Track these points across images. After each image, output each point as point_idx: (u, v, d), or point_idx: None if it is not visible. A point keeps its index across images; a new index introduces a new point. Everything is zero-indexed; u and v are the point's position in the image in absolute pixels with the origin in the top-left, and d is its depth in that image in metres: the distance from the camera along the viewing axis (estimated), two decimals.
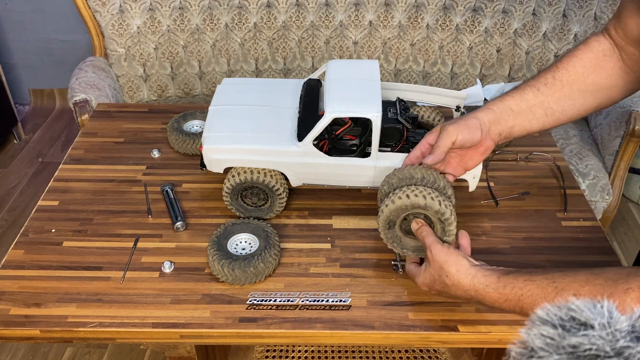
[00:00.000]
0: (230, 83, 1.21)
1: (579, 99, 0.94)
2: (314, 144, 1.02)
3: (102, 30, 2.01)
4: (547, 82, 0.94)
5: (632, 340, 0.36)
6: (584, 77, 0.93)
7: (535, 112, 0.94)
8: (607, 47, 0.93)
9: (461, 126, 0.92)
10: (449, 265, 0.82)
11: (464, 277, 0.80)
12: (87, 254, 1.03)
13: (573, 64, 0.93)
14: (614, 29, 0.93)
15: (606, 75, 0.93)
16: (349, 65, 1.12)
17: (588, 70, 0.93)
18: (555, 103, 0.94)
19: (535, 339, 0.38)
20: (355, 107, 0.99)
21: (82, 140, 1.31)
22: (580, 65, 0.93)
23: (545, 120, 0.95)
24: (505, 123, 0.94)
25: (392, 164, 1.02)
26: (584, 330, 0.37)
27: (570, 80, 0.93)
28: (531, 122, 0.95)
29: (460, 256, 0.83)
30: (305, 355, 1.42)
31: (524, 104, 0.94)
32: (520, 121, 0.94)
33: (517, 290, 0.74)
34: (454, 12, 2.00)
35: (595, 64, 0.93)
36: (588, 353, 0.36)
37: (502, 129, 0.94)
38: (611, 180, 1.84)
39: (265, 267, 0.96)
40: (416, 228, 0.91)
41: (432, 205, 0.88)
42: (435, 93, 1.14)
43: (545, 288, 0.72)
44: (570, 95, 0.93)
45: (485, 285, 0.78)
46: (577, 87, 0.93)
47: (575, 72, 0.93)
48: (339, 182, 1.07)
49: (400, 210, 0.90)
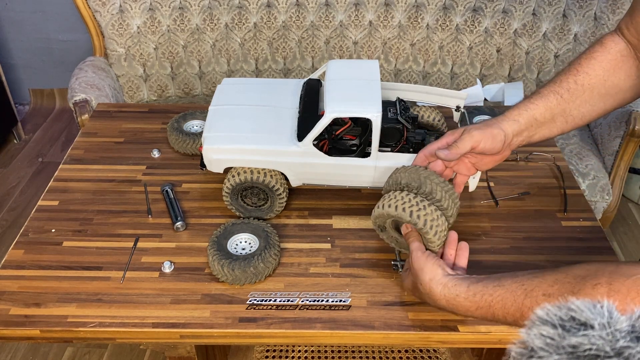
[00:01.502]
0: (230, 83, 1.21)
1: (598, 103, 0.93)
2: (314, 144, 1.02)
3: (102, 30, 2.01)
4: (570, 88, 0.92)
5: (632, 340, 0.36)
6: (604, 80, 0.92)
7: (557, 120, 0.94)
8: (623, 47, 0.92)
9: (486, 134, 0.91)
10: (423, 274, 0.83)
11: (435, 286, 0.81)
12: (87, 254, 1.03)
13: (593, 67, 0.92)
14: (626, 28, 0.91)
15: (625, 77, 0.92)
16: (349, 65, 1.12)
17: (608, 73, 0.92)
18: (576, 109, 0.93)
19: (535, 339, 0.38)
20: (355, 107, 0.99)
21: (82, 140, 1.31)
22: (600, 68, 0.92)
23: (565, 127, 0.95)
24: (527, 133, 0.94)
25: (392, 164, 1.02)
26: (583, 330, 0.37)
27: (592, 85, 0.92)
28: (552, 130, 0.95)
29: (436, 265, 0.83)
30: (305, 355, 1.42)
31: (548, 114, 0.93)
32: (541, 130, 0.94)
33: (487, 297, 0.74)
34: (454, 12, 2.00)
35: (615, 65, 0.92)
36: (588, 353, 0.36)
37: (523, 139, 0.95)
38: (611, 180, 1.84)
39: (265, 267, 0.96)
40: (405, 232, 0.92)
41: (403, 215, 0.89)
42: (435, 93, 1.14)
43: (514, 292, 0.72)
44: (590, 100, 0.92)
45: (455, 294, 0.78)
46: (597, 91, 0.92)
47: (595, 75, 0.92)
48: (339, 182, 1.07)
49: (380, 217, 0.93)
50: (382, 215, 0.92)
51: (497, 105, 1.97)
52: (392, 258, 1.01)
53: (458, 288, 0.78)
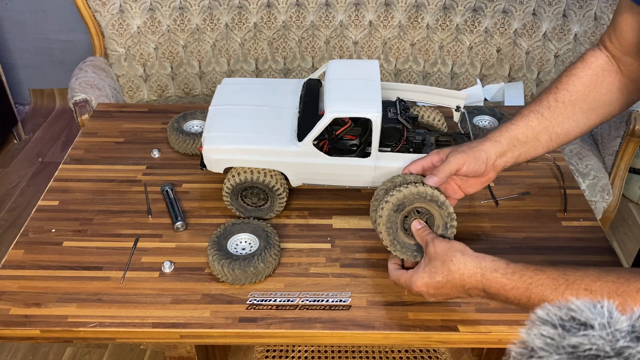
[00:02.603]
0: (230, 83, 1.21)
1: (581, 118, 0.94)
2: (314, 144, 1.02)
3: (102, 30, 2.01)
4: (550, 106, 0.93)
5: (632, 340, 0.36)
6: (584, 95, 0.93)
7: (541, 138, 0.94)
8: (604, 61, 0.93)
9: (469, 157, 0.91)
10: (453, 251, 0.80)
11: (470, 259, 0.79)
12: (87, 254, 1.03)
13: (573, 84, 0.93)
14: (609, 40, 0.92)
15: (606, 91, 0.93)
16: (349, 65, 1.12)
17: (588, 89, 0.93)
18: (559, 126, 0.93)
19: (535, 339, 0.38)
20: (355, 107, 0.99)
21: (82, 140, 1.31)
22: (580, 84, 0.93)
23: (550, 145, 0.95)
24: (511, 154, 0.94)
25: (392, 164, 1.02)
26: (584, 330, 0.37)
27: (572, 101, 0.92)
28: (536, 148, 0.95)
29: (463, 245, 0.82)
30: (305, 355, 1.42)
31: (530, 132, 0.93)
32: (526, 149, 0.94)
33: (527, 279, 0.72)
34: (454, 12, 2.00)
35: (595, 80, 0.93)
36: (588, 353, 0.36)
37: (507, 160, 0.94)
38: (611, 180, 1.84)
39: (265, 267, 0.96)
40: (418, 227, 0.90)
41: (427, 190, 0.89)
42: (435, 93, 1.14)
43: (556, 279, 0.70)
44: (573, 115, 0.93)
45: (493, 269, 0.76)
46: (579, 107, 0.93)
47: (576, 91, 0.93)
48: (339, 182, 1.07)
49: (408, 199, 0.89)
50: (411, 195, 0.89)
51: (497, 105, 1.97)
52: None
53: (497, 263, 0.76)
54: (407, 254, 0.92)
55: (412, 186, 0.90)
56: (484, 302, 0.94)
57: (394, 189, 0.91)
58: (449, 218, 0.91)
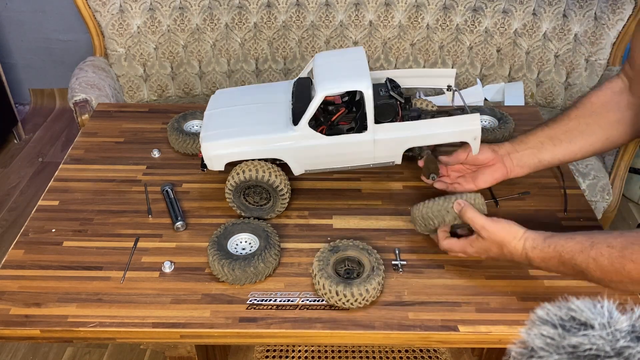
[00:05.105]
0: (223, 92, 1.21)
1: (586, 130, 1.02)
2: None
3: (102, 30, 2.01)
4: (556, 119, 1.05)
5: (632, 340, 0.36)
6: (591, 112, 1.02)
7: (546, 145, 1.04)
8: (618, 86, 1.01)
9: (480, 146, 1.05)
10: (508, 241, 0.90)
11: (519, 243, 0.89)
12: (87, 254, 1.03)
13: (582, 102, 1.04)
14: (628, 64, 0.99)
15: (616, 109, 1.00)
16: (335, 54, 1.14)
17: (595, 106, 1.02)
18: (563, 134, 1.03)
19: (535, 339, 0.38)
20: (345, 82, 1.01)
21: (82, 140, 1.31)
22: (589, 102, 1.03)
23: (555, 151, 1.04)
24: (528, 156, 1.05)
25: (390, 136, 1.02)
26: (584, 330, 0.37)
27: (578, 115, 1.03)
28: (542, 152, 1.05)
29: (512, 225, 0.90)
30: (305, 355, 1.42)
31: (537, 139, 1.05)
32: (530, 150, 1.05)
33: (559, 248, 0.83)
34: (454, 12, 2.00)
35: (604, 100, 1.02)
36: (588, 353, 0.36)
37: (521, 158, 1.05)
38: (611, 180, 1.84)
39: (265, 267, 0.96)
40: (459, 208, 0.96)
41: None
42: (423, 75, 1.15)
43: (583, 243, 0.81)
44: (578, 127, 1.02)
45: (532, 247, 0.87)
46: (584, 120, 1.03)
47: (583, 107, 1.03)
48: (340, 163, 1.07)
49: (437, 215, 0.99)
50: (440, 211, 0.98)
51: (497, 105, 1.97)
52: (392, 258, 1.01)
53: (536, 241, 0.87)
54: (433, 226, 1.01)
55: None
56: (484, 302, 0.94)
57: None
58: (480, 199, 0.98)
